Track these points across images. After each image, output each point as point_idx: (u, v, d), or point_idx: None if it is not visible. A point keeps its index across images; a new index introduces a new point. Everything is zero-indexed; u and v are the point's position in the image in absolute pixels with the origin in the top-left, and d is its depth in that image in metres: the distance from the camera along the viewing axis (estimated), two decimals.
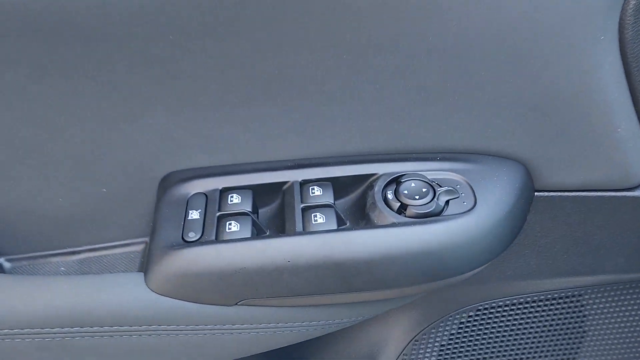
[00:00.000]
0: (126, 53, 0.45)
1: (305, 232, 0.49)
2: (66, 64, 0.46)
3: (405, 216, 0.50)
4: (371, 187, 0.52)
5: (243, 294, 0.49)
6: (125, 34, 0.44)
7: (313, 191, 0.52)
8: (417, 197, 0.50)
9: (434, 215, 0.50)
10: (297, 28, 0.45)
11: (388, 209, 0.50)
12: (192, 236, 0.49)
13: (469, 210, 0.50)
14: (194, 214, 0.51)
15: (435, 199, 0.50)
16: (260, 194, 0.53)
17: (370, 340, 0.78)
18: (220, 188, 0.52)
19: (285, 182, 0.53)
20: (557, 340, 0.76)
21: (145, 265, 0.50)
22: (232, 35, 0.45)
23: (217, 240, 0.49)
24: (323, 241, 0.48)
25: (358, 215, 0.52)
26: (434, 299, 0.71)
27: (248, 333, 0.52)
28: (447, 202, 0.51)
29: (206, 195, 0.52)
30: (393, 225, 0.49)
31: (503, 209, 0.51)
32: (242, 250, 0.48)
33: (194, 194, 0.52)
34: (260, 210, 0.54)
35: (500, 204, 0.51)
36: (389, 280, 0.49)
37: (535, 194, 0.55)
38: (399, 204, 0.50)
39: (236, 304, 0.50)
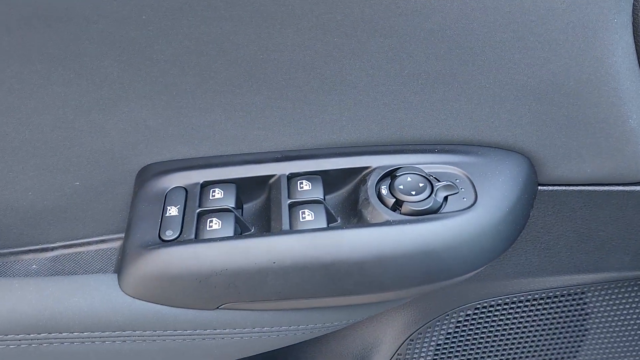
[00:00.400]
0: (95, 34, 0.44)
1: (292, 230, 0.48)
2: (30, 47, 0.44)
3: (400, 213, 0.49)
4: (364, 181, 0.51)
5: (224, 298, 0.48)
6: (94, 13, 0.43)
7: (301, 185, 0.51)
8: (413, 192, 0.49)
9: (432, 213, 0.48)
10: (283, 6, 0.44)
11: (382, 205, 0.49)
12: (170, 234, 0.48)
13: (469, 207, 0.48)
14: (172, 210, 0.50)
15: (433, 195, 0.49)
16: (244, 188, 0.52)
17: (363, 339, 0.78)
18: (201, 182, 0.51)
19: (271, 176, 0.52)
20: (558, 339, 0.76)
21: (119, 266, 0.49)
22: (212, 15, 0.44)
23: (197, 239, 0.48)
24: (311, 240, 0.47)
25: (350, 212, 0.51)
26: (431, 297, 0.71)
27: (231, 338, 0.51)
28: (446, 198, 0.49)
29: (186, 190, 0.51)
30: (387, 223, 0.48)
31: (506, 205, 0.50)
32: (223, 250, 0.46)
33: (172, 188, 0.51)
34: (244, 206, 0.53)
35: (503, 199, 0.50)
36: (383, 283, 0.48)
37: (539, 188, 0.54)
38: (394, 200, 0.49)
39: (217, 307, 0.49)
